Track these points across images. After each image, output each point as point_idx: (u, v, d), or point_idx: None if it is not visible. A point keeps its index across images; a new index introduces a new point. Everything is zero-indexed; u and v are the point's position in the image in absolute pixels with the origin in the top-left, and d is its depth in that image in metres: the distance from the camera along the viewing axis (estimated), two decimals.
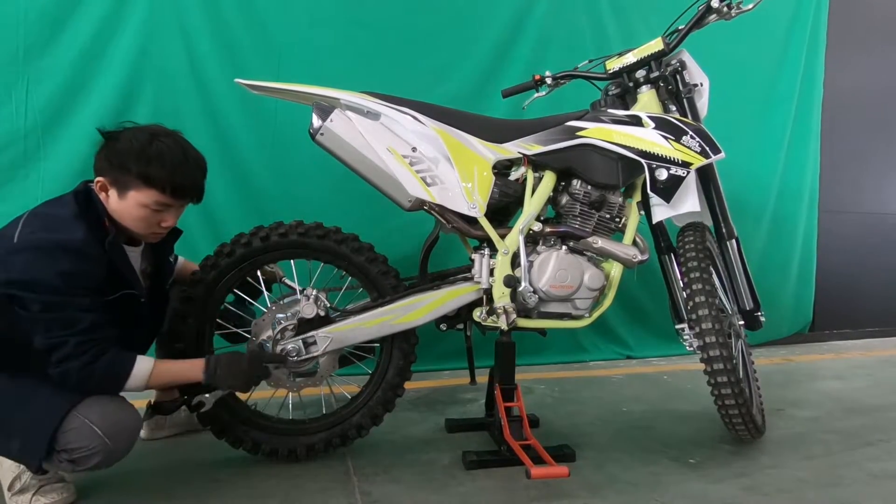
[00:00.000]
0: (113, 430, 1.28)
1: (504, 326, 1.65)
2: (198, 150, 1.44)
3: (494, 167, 1.69)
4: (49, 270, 1.22)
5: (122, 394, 1.36)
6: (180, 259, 1.78)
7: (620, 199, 1.77)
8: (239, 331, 1.68)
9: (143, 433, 1.85)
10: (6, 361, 1.28)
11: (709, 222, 1.91)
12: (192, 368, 1.43)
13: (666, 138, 1.67)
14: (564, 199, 1.75)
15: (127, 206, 1.35)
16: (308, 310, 1.61)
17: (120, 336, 1.34)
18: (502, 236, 1.68)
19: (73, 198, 1.34)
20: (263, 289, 1.71)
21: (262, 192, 2.52)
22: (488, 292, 1.67)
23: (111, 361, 1.28)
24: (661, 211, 1.73)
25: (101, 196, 1.36)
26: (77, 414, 1.27)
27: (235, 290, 1.66)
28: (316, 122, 1.61)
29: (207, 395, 1.50)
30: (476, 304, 1.70)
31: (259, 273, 1.67)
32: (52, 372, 1.24)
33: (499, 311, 1.65)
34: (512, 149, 1.69)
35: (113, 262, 1.34)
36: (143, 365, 1.34)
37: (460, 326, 1.77)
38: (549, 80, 2.01)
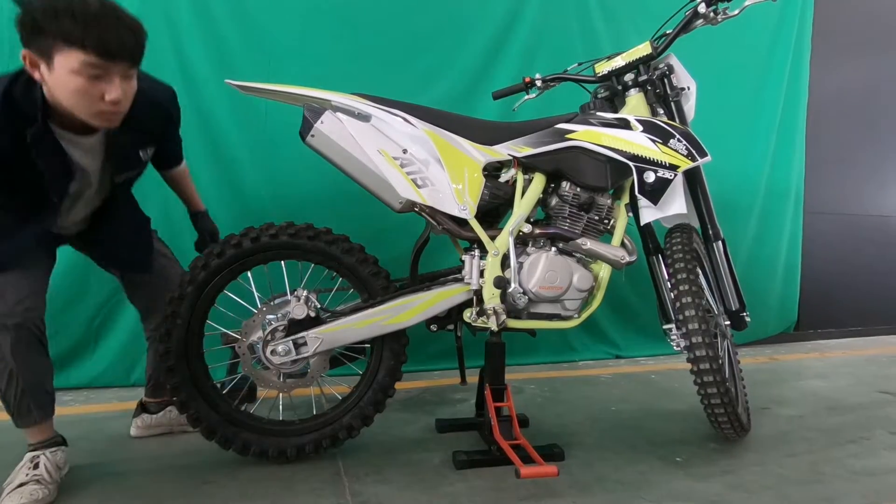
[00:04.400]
0: None
1: (494, 327, 1.66)
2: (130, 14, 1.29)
3: (485, 169, 1.70)
4: None
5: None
6: (183, 165, 1.82)
7: (609, 201, 1.79)
8: (229, 332, 1.68)
9: (131, 431, 1.85)
10: None
11: (696, 224, 1.94)
12: None
13: (653, 141, 1.69)
14: (554, 201, 1.76)
15: (59, 78, 1.19)
16: (298, 311, 1.61)
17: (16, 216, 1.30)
18: (492, 238, 1.70)
19: (11, 75, 1.22)
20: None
21: (253, 193, 2.52)
22: (478, 293, 1.68)
23: None
24: (648, 213, 1.75)
25: (36, 76, 1.21)
26: None
27: (226, 291, 1.65)
28: (306, 123, 1.61)
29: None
30: (466, 304, 1.70)
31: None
32: None
33: (489, 311, 1.66)
34: (502, 151, 1.71)
35: (32, 153, 1.24)
36: None
37: (451, 327, 1.77)
38: (539, 83, 2.02)
